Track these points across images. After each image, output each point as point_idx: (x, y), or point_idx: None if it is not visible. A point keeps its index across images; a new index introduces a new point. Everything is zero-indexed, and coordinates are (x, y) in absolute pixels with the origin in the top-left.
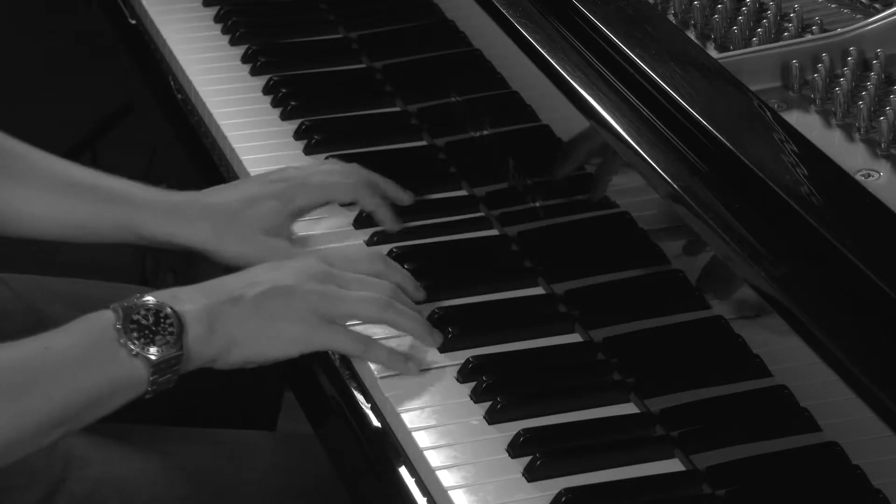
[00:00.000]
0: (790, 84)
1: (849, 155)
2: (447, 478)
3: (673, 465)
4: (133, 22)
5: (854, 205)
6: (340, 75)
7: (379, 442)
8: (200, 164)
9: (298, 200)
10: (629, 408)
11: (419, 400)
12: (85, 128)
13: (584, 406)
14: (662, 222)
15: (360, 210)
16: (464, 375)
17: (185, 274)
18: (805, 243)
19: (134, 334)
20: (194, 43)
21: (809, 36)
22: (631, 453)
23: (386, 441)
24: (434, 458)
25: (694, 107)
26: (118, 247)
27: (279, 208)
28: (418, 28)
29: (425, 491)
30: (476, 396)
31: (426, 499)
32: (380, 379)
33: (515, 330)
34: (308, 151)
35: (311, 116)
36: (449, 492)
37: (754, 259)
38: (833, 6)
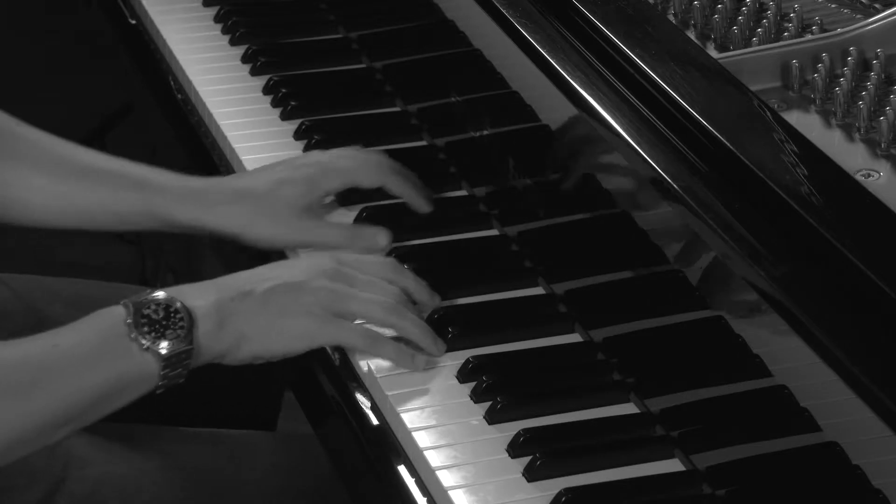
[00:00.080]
0: (790, 84)
1: (849, 155)
2: (447, 478)
3: (673, 465)
4: (133, 22)
5: (854, 205)
6: (340, 75)
7: (379, 442)
8: (200, 164)
9: (325, 183)
10: (629, 408)
11: (419, 400)
12: (85, 128)
13: (584, 406)
14: (662, 222)
15: (361, 210)
16: (464, 375)
17: (186, 274)
18: (805, 243)
19: (144, 329)
20: (194, 43)
21: (809, 36)
22: (631, 453)
23: (386, 441)
24: (434, 458)
25: (694, 107)
26: (118, 247)
27: (307, 191)
28: (418, 28)
29: (425, 491)
30: (476, 396)
31: (426, 499)
32: (380, 379)
33: (515, 330)
34: (308, 151)
35: (311, 116)
36: (449, 492)
37: (754, 259)
38: (833, 6)
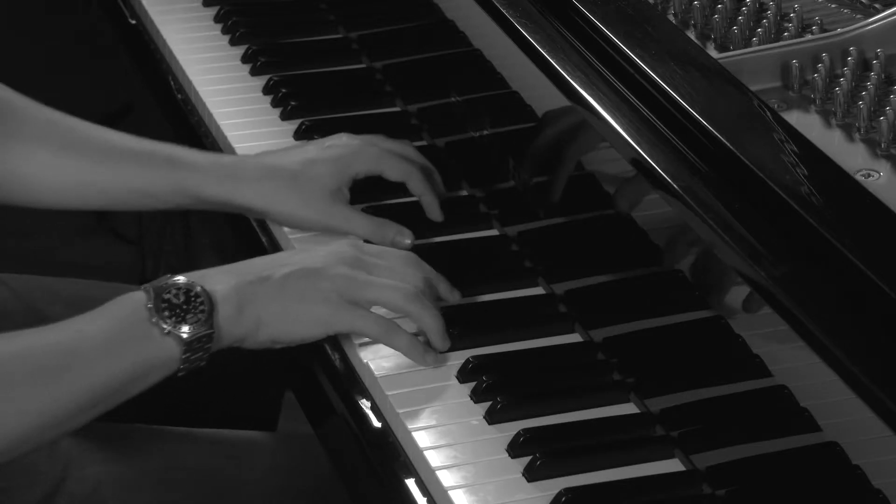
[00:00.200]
0: (790, 84)
1: (849, 155)
2: (447, 478)
3: (673, 465)
4: (133, 22)
5: (854, 205)
6: (340, 75)
7: (379, 442)
8: None
9: (355, 166)
10: (629, 408)
11: (419, 400)
12: None
13: (584, 406)
14: (663, 222)
15: (361, 210)
16: (464, 375)
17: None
18: (805, 243)
19: (165, 313)
20: (194, 43)
21: (809, 36)
22: (631, 453)
23: (386, 441)
24: (434, 458)
25: (694, 107)
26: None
27: (337, 172)
28: (418, 28)
29: (425, 491)
30: (476, 396)
31: (426, 499)
32: (380, 379)
33: (515, 330)
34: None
35: (311, 116)
36: (449, 492)
37: (754, 259)
38: (833, 6)
